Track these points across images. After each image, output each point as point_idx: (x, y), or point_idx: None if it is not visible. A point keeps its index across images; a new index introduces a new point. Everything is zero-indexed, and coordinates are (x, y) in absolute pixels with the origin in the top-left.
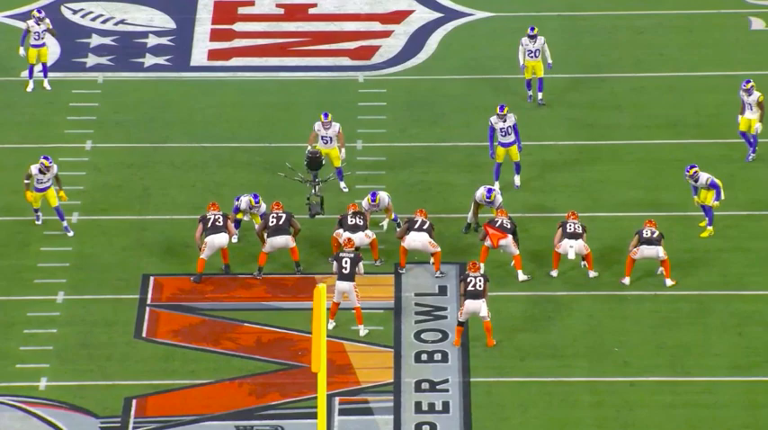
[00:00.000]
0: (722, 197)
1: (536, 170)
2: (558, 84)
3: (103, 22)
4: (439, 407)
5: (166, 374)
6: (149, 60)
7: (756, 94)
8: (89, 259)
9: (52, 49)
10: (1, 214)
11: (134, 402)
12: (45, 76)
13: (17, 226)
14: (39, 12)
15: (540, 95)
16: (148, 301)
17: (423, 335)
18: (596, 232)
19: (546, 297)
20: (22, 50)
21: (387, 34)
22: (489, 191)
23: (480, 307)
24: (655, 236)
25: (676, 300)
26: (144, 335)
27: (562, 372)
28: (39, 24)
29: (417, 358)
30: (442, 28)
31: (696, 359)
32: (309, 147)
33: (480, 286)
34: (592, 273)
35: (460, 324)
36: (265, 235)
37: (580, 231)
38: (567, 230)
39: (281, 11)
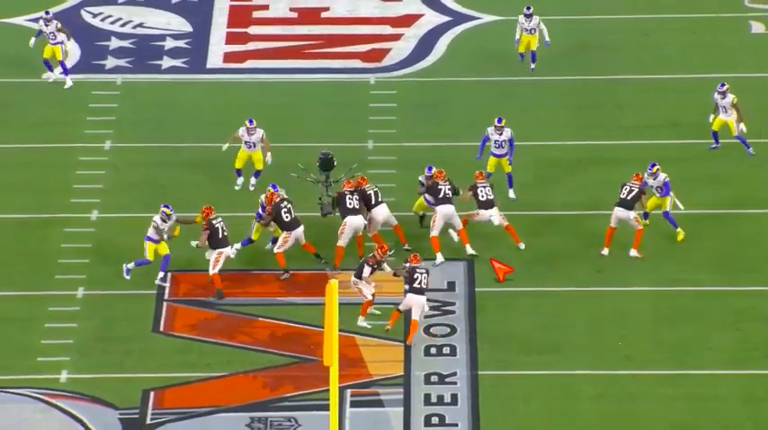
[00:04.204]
0: (669, 196)
1: (539, 169)
2: (562, 85)
3: (122, 25)
4: (447, 399)
5: (183, 367)
6: (167, 62)
7: (731, 97)
8: (108, 255)
9: (72, 52)
10: (23, 212)
11: (152, 394)
12: (65, 74)
13: (38, 223)
14: (46, 13)
15: (532, 65)
16: (166, 296)
17: (432, 330)
18: (599, 230)
19: (550, 292)
20: (32, 41)
21: (397, 37)
22: (429, 168)
23: (423, 302)
24: (631, 196)
25: (677, 296)
26: (161, 329)
27: (566, 366)
28: (47, 25)
29: (426, 352)
30: (451, 31)
31: (696, 353)
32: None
33: (425, 283)
34: (521, 245)
35: (399, 310)
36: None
37: (492, 197)
38: (480, 198)
39: (295, 14)
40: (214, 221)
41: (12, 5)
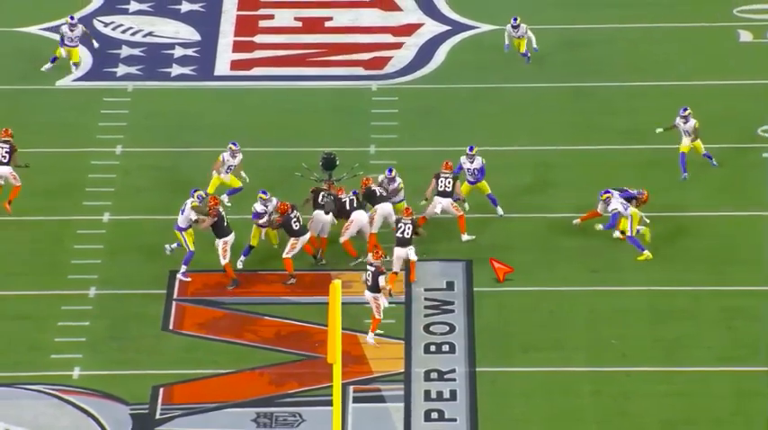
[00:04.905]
0: (614, 228)
1: (537, 173)
2: (558, 91)
3: (133, 34)
4: (447, 395)
5: (192, 364)
6: (176, 70)
7: (693, 121)
8: (119, 256)
9: (85, 60)
10: (37, 214)
11: (161, 390)
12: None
13: (52, 225)
14: (71, 18)
15: (528, 57)
16: (175, 296)
17: (431, 328)
18: (594, 232)
19: (548, 292)
20: (62, 51)
21: (398, 46)
22: (390, 170)
23: (407, 253)
24: (449, 190)
25: (670, 296)
26: (171, 327)
27: (563, 363)
28: (72, 30)
29: (426, 349)
30: (450, 40)
31: (689, 351)
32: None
33: (408, 233)
34: (465, 237)
35: (395, 272)
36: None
37: (450, 189)
38: (439, 188)
39: (300, 24)
40: (220, 209)
41: (26, 15)
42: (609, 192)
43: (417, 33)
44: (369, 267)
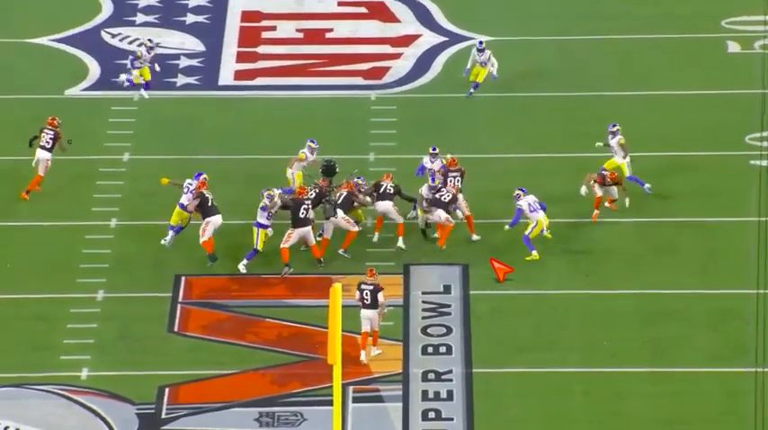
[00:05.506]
0: (516, 224)
1: (530, 179)
2: (552, 101)
3: (140, 45)
4: (444, 395)
5: (196, 365)
6: (181, 80)
7: (618, 137)
8: (126, 261)
9: (93, 70)
10: (45, 219)
11: (167, 390)
12: (146, 88)
13: (61, 230)
14: (150, 41)
15: (471, 90)
16: (180, 299)
17: (429, 330)
18: (585, 237)
19: (543, 295)
20: (135, 73)
21: (397, 56)
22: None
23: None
24: (391, 191)
25: (660, 299)
26: (176, 329)
27: (557, 364)
28: (149, 52)
29: (424, 351)
30: (447, 50)
31: (678, 352)
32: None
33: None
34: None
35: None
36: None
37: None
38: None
39: (301, 35)
40: (205, 191)
41: (36, 26)
42: (521, 190)
43: (415, 44)
44: (365, 286)
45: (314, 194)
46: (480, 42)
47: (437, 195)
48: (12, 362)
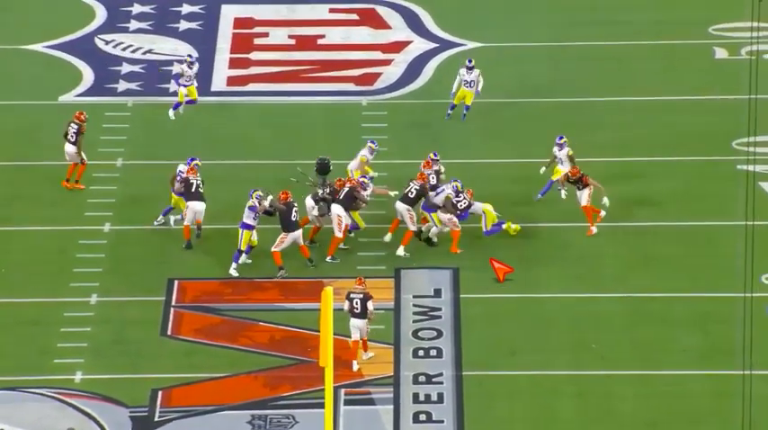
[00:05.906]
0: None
1: (520, 184)
2: (542, 106)
3: (133, 51)
4: (434, 397)
5: (189, 368)
6: (174, 86)
7: (566, 149)
8: (120, 265)
9: (87, 77)
10: (41, 224)
11: (160, 393)
12: (190, 103)
13: (55, 235)
14: (190, 57)
15: (465, 112)
16: (173, 303)
17: (420, 333)
18: (575, 240)
19: (532, 299)
20: (184, 91)
21: (388, 62)
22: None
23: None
24: (413, 194)
25: (647, 302)
26: (169, 333)
27: (546, 367)
28: (191, 68)
29: (415, 354)
30: (438, 57)
31: (666, 354)
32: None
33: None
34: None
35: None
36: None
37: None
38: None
39: (293, 41)
40: (191, 177)
41: (31, 33)
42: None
43: (406, 50)
44: (354, 295)
45: (328, 191)
46: (470, 60)
47: (455, 200)
48: (6, 366)
